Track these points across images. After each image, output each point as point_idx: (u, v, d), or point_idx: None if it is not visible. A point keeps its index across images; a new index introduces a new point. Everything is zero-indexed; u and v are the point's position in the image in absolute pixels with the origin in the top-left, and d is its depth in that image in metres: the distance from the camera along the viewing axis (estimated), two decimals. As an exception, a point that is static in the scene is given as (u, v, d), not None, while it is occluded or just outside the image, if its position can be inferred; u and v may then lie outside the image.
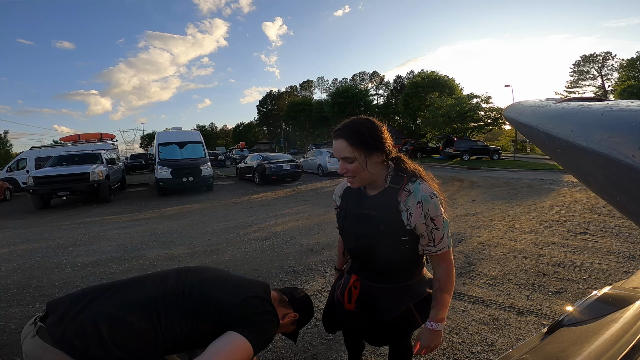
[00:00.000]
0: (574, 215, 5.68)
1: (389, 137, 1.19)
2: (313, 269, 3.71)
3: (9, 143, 56.67)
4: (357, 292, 1.31)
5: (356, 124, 1.17)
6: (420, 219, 1.12)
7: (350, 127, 1.16)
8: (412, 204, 1.12)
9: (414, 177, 1.18)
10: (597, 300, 0.79)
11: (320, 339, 2.35)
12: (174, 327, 1.11)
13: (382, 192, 1.19)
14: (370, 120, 1.19)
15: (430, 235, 1.14)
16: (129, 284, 1.20)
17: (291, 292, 1.53)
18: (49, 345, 0.97)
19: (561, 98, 0.74)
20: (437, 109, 27.27)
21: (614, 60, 42.73)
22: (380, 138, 1.16)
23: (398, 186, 1.16)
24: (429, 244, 1.15)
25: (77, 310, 1.04)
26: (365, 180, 1.19)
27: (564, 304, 2.66)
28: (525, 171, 14.25)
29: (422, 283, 1.30)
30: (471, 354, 2.13)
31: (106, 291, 1.14)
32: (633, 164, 0.39)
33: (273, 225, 5.95)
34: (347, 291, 1.31)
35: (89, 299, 1.09)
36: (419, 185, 1.15)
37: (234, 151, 34.56)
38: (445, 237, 1.15)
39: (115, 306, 1.08)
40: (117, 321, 1.04)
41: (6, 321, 2.82)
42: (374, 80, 64.04)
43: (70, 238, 5.73)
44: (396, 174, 1.18)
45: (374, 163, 1.15)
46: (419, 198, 1.12)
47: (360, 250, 1.28)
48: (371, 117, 1.21)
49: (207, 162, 11.43)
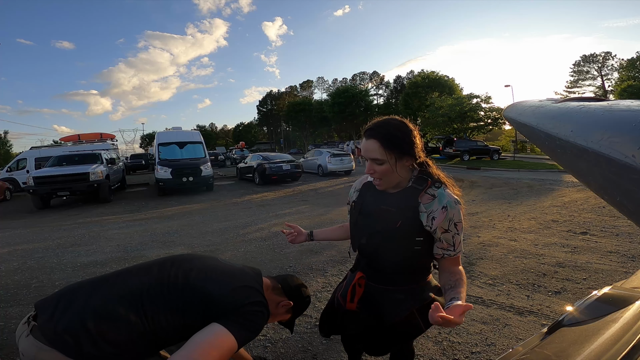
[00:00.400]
0: (574, 215, 5.68)
1: (420, 141, 1.17)
2: (313, 269, 3.71)
3: (9, 143, 56.67)
4: (361, 291, 1.28)
5: (390, 125, 1.14)
6: (443, 223, 1.11)
7: (383, 128, 1.13)
8: (435, 208, 1.12)
9: (438, 183, 1.18)
10: (597, 300, 0.79)
11: (320, 339, 2.35)
12: (162, 321, 1.08)
13: (403, 190, 1.19)
14: (404, 123, 1.16)
15: (452, 239, 1.14)
16: (114, 277, 1.16)
17: (285, 279, 1.48)
18: (43, 344, 0.96)
19: (561, 98, 0.74)
20: (437, 109, 27.24)
21: (614, 60, 42.76)
22: (413, 142, 1.14)
23: (421, 187, 1.15)
24: (449, 248, 1.15)
25: (64, 308, 1.03)
26: (392, 183, 1.18)
27: (564, 304, 2.66)
28: (525, 171, 14.25)
29: (428, 288, 1.28)
30: (471, 354, 2.13)
31: (91, 286, 1.11)
32: (633, 164, 0.39)
33: (273, 225, 5.94)
34: (350, 289, 1.28)
35: (75, 296, 1.07)
36: (443, 190, 1.15)
37: (234, 151, 34.49)
38: (461, 242, 1.18)
39: (101, 301, 1.05)
40: (103, 317, 1.02)
41: (6, 321, 2.82)
42: (374, 80, 64.05)
43: (70, 238, 5.73)
44: (420, 176, 1.18)
45: (402, 167, 1.14)
46: (444, 203, 1.12)
47: (371, 247, 1.25)
48: (405, 120, 1.18)
49: (207, 162, 11.42)
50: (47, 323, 0.99)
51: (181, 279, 1.15)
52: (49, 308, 1.04)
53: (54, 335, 0.97)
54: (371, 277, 1.29)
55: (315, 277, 3.46)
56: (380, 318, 1.26)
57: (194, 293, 1.13)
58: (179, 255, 1.32)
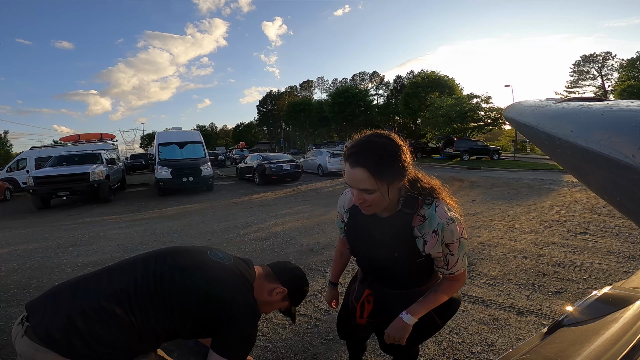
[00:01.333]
0: (574, 215, 5.68)
1: (410, 158, 1.05)
2: (313, 269, 3.71)
3: (9, 143, 56.69)
4: (369, 308, 1.27)
5: (377, 146, 0.99)
6: (435, 247, 1.06)
7: (369, 152, 0.98)
8: (427, 232, 1.05)
9: (430, 198, 1.08)
10: (597, 300, 0.79)
11: (320, 339, 2.35)
12: (151, 321, 1.05)
13: (394, 215, 1.10)
14: (393, 141, 1.02)
15: (445, 259, 1.10)
16: (99, 275, 1.13)
17: (277, 265, 1.41)
18: (39, 345, 0.95)
19: (561, 98, 0.74)
20: (437, 109, 27.25)
21: (614, 60, 42.74)
22: (404, 162, 1.02)
23: (412, 211, 1.06)
24: (443, 267, 1.13)
25: (54, 309, 1.01)
26: (382, 207, 1.08)
27: (564, 304, 2.66)
28: (525, 171, 14.24)
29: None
30: (471, 354, 2.13)
31: (79, 285, 1.09)
32: (633, 164, 0.39)
33: (273, 225, 5.94)
34: (359, 306, 1.28)
35: (63, 295, 1.05)
36: (434, 210, 1.05)
37: (234, 151, 34.52)
38: (459, 261, 1.10)
39: (89, 301, 1.03)
40: (92, 316, 1.00)
41: (6, 321, 2.82)
42: (374, 81, 64.01)
43: (70, 238, 5.73)
44: (409, 196, 1.08)
45: (394, 190, 1.04)
46: (434, 227, 1.04)
47: (375, 270, 1.26)
48: (391, 134, 1.05)
49: (207, 162, 11.42)
50: (39, 324, 0.98)
51: (167, 280, 1.10)
52: (40, 309, 1.02)
53: (47, 336, 0.96)
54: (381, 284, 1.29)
55: (316, 277, 3.46)
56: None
57: (181, 298, 1.09)
58: (165, 250, 1.24)
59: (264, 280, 1.30)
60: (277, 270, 1.37)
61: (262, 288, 1.29)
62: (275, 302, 1.33)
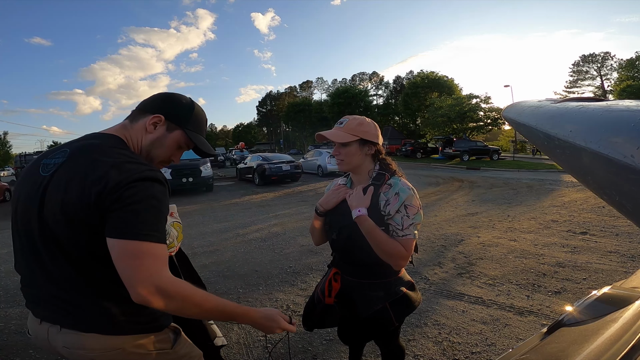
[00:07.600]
0: (574, 215, 5.68)
1: (381, 140, 1.35)
2: (313, 269, 3.71)
3: (9, 144, 56.68)
4: (337, 286, 1.37)
5: (360, 119, 1.32)
6: (395, 206, 1.22)
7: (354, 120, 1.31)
8: (391, 194, 1.25)
9: (395, 176, 1.31)
10: (597, 300, 0.79)
11: (320, 340, 2.35)
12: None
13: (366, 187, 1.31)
14: (372, 122, 1.34)
15: (400, 220, 1.22)
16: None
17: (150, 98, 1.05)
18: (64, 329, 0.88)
19: (560, 98, 0.74)
20: (436, 109, 27.31)
21: (613, 60, 42.78)
22: (376, 135, 1.31)
23: (379, 182, 1.29)
24: (397, 228, 1.22)
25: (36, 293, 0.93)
26: (353, 165, 1.32)
27: (564, 304, 2.66)
28: (525, 171, 14.26)
29: (399, 283, 1.33)
30: (471, 354, 2.13)
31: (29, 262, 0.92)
32: (632, 164, 0.39)
33: (273, 226, 5.94)
34: (327, 284, 1.37)
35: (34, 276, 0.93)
36: (399, 180, 1.29)
37: (234, 152, 34.47)
38: (412, 227, 1.22)
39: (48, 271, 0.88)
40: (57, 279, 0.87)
41: (6, 322, 2.82)
42: (373, 81, 64.14)
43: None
44: (379, 173, 1.31)
45: (364, 154, 1.30)
46: (397, 189, 1.25)
47: (341, 242, 1.34)
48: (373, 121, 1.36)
49: (207, 163, 11.41)
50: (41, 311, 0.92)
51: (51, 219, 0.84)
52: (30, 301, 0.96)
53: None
54: (346, 271, 1.38)
55: (315, 277, 3.46)
56: (355, 311, 1.33)
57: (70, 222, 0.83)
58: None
59: (137, 124, 0.99)
60: (143, 102, 1.04)
61: (136, 130, 0.99)
62: (158, 140, 1.00)
